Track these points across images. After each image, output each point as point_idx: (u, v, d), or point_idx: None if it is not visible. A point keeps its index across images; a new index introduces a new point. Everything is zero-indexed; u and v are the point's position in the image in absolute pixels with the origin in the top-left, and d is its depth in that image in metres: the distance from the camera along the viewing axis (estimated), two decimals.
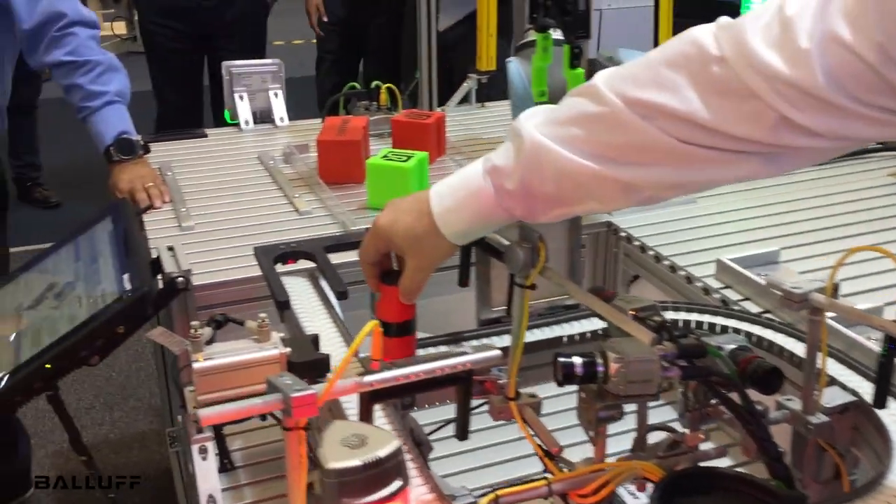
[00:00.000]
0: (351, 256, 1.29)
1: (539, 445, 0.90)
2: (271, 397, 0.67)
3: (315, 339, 0.97)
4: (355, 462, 0.56)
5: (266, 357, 0.92)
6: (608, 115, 0.73)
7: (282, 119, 2.06)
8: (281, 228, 1.48)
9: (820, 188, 1.64)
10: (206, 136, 2.01)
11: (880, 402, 0.82)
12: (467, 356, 0.74)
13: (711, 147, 0.70)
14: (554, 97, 1.42)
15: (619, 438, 0.93)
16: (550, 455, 0.90)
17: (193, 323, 0.91)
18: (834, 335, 1.08)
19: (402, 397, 0.76)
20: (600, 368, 0.81)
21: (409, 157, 1.53)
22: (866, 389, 0.94)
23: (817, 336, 0.85)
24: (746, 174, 0.73)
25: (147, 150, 1.70)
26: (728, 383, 0.85)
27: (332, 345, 1.04)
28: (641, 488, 0.85)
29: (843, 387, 0.92)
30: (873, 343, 1.05)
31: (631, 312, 0.92)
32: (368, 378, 0.70)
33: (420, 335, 1.15)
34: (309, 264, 1.22)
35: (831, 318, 1.12)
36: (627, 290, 1.49)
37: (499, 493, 0.75)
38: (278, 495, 0.95)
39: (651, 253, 1.39)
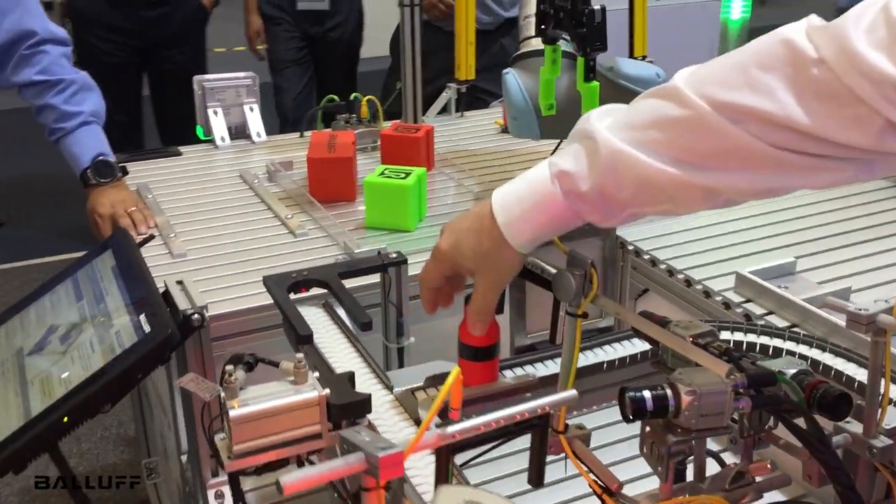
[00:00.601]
0: (362, 281, 1.25)
1: (595, 481, 0.86)
2: (353, 458, 0.61)
3: (351, 378, 0.92)
4: None
5: (305, 400, 0.86)
6: (693, 119, 0.70)
7: (259, 134, 1.99)
8: (279, 252, 1.41)
9: (824, 194, 1.64)
10: (180, 154, 1.92)
11: None
12: (546, 398, 0.70)
13: (806, 153, 0.67)
14: (560, 110, 1.38)
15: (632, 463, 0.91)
16: (610, 491, 0.86)
17: (228, 367, 0.85)
18: (866, 346, 1.07)
19: (480, 447, 0.71)
20: (671, 402, 0.77)
21: (407, 174, 1.48)
22: None
23: (880, 358, 0.83)
24: (838, 180, 0.70)
25: (125, 173, 1.62)
26: (796, 410, 0.82)
27: (364, 381, 0.98)
28: None
29: None
30: None
31: (689, 339, 0.89)
32: (451, 429, 0.65)
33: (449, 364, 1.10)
34: (319, 291, 1.17)
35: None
36: (635, 305, 1.46)
37: None
38: None
39: (663, 267, 1.37)
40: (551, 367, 0.99)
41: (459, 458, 0.94)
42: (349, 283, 1.18)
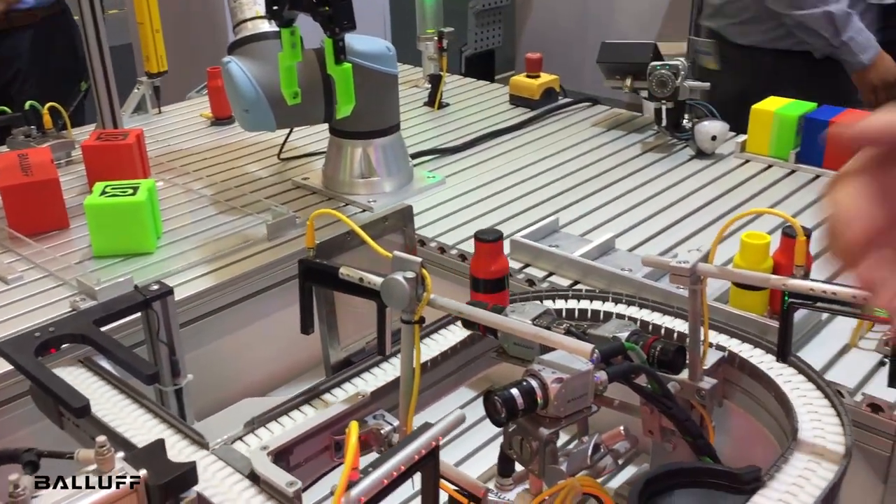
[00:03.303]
0: (127, 328, 1.07)
1: (458, 492, 0.81)
2: None
3: (162, 446, 0.77)
4: None
5: (121, 492, 0.71)
6: None
7: None
8: None
9: (538, 151, 1.70)
10: None
11: (784, 355, 0.85)
12: (435, 428, 0.62)
13: None
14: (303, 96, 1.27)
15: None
16: (476, 498, 0.81)
17: (11, 477, 0.66)
18: (649, 290, 1.12)
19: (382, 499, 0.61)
20: (539, 394, 0.74)
21: (134, 189, 1.29)
22: (721, 340, 0.98)
23: (699, 304, 0.86)
24: None
25: None
26: (642, 372, 0.83)
27: (172, 445, 0.83)
28: None
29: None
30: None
31: (530, 322, 0.86)
32: (355, 491, 0.55)
33: (274, 397, 0.95)
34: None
35: (644, 276, 1.16)
36: None
37: None
38: None
39: (434, 245, 1.33)
40: (379, 378, 0.91)
41: None
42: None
